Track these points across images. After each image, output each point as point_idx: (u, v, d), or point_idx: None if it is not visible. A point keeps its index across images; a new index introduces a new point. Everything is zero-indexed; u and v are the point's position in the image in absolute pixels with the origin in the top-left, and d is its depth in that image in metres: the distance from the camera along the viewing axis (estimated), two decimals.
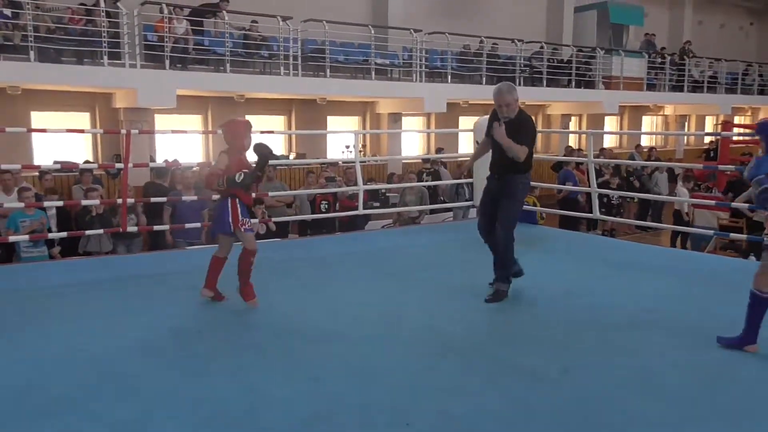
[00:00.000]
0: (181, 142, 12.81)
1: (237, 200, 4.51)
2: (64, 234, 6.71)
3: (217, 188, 4.56)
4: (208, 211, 8.54)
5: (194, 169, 9.16)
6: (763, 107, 23.38)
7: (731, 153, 15.83)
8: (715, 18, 24.56)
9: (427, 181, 11.68)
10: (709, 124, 23.05)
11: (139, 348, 3.86)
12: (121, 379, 3.43)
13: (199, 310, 4.61)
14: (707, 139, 21.33)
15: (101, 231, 6.98)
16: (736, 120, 22.25)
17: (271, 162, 9.92)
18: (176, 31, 11.26)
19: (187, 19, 11.47)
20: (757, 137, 3.93)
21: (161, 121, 12.33)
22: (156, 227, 7.45)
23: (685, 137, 22.28)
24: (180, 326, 4.24)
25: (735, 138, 16.70)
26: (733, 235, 7.65)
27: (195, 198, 7.49)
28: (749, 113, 24.35)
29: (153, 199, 7.91)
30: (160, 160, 10.81)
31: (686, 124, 22.80)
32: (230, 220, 4.48)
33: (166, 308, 4.64)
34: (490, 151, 4.95)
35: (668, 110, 22.37)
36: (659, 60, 19.53)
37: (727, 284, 5.21)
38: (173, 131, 9.53)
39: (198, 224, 7.47)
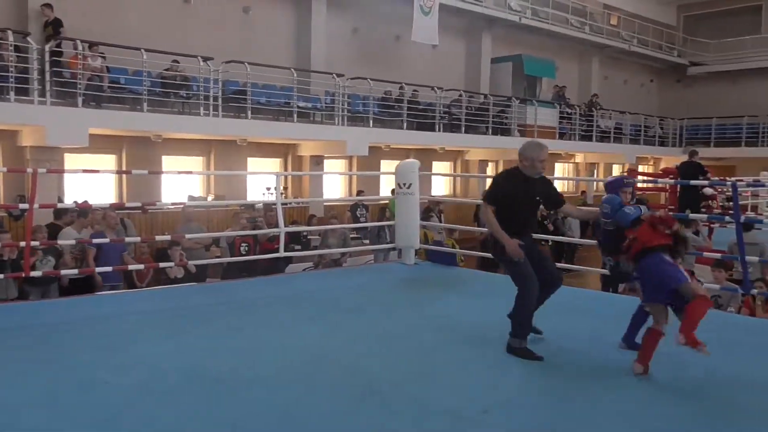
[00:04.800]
0: (92, 183, 12.31)
1: None
2: None
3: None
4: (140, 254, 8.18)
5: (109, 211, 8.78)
6: (664, 157, 24.94)
7: None
8: (619, 74, 26.24)
9: (362, 215, 11.73)
10: (617, 171, 24.32)
11: (44, 401, 3.58)
12: None
13: (108, 358, 4.35)
14: None
15: (1, 276, 6.53)
16: (641, 168, 23.59)
17: (188, 204, 9.63)
18: (92, 67, 10.93)
19: (101, 56, 11.17)
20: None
21: (72, 161, 11.82)
22: (63, 272, 7.06)
23: (595, 184, 23.36)
24: (87, 376, 3.97)
25: (639, 185, 17.62)
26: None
27: (111, 239, 7.19)
28: (651, 162, 25.91)
29: (60, 242, 7.52)
30: (69, 201, 10.31)
31: (595, 171, 23.99)
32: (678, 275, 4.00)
33: (73, 358, 4.35)
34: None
35: (579, 158, 23.50)
36: (568, 111, 20.57)
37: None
38: (84, 171, 9.16)
39: (110, 268, 7.15)
